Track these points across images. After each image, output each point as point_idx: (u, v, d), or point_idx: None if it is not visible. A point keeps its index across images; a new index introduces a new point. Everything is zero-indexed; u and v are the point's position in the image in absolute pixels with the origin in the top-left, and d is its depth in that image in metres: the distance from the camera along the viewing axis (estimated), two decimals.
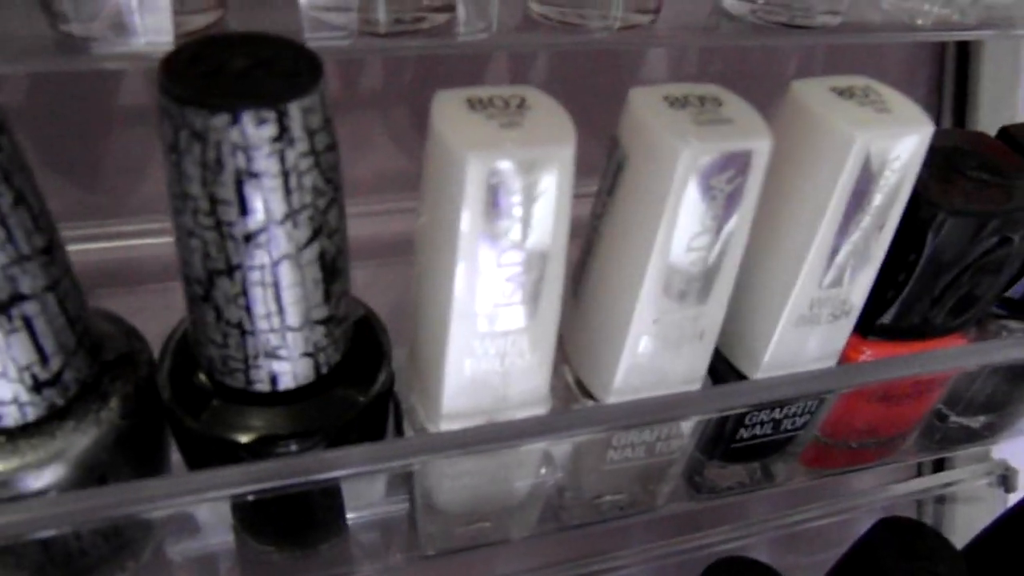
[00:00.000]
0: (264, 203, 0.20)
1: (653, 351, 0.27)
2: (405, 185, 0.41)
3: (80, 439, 0.24)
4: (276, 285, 0.22)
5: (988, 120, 0.45)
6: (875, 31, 0.33)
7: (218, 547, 0.34)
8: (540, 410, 0.28)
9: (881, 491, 0.52)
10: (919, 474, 0.55)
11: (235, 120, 0.19)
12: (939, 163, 0.30)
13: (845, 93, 0.26)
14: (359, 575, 0.35)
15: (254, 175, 0.20)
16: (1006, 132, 0.34)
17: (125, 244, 0.37)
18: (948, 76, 0.45)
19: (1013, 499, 0.52)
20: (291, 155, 0.20)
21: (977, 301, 0.31)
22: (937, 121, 0.46)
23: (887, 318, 0.31)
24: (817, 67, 0.43)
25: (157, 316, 0.29)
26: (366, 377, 0.27)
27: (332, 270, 0.24)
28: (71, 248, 0.25)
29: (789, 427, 0.33)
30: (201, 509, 0.31)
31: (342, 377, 0.27)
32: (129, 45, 0.27)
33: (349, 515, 0.33)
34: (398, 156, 0.41)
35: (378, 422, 0.29)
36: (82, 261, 0.37)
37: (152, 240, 0.37)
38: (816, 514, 0.50)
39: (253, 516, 0.30)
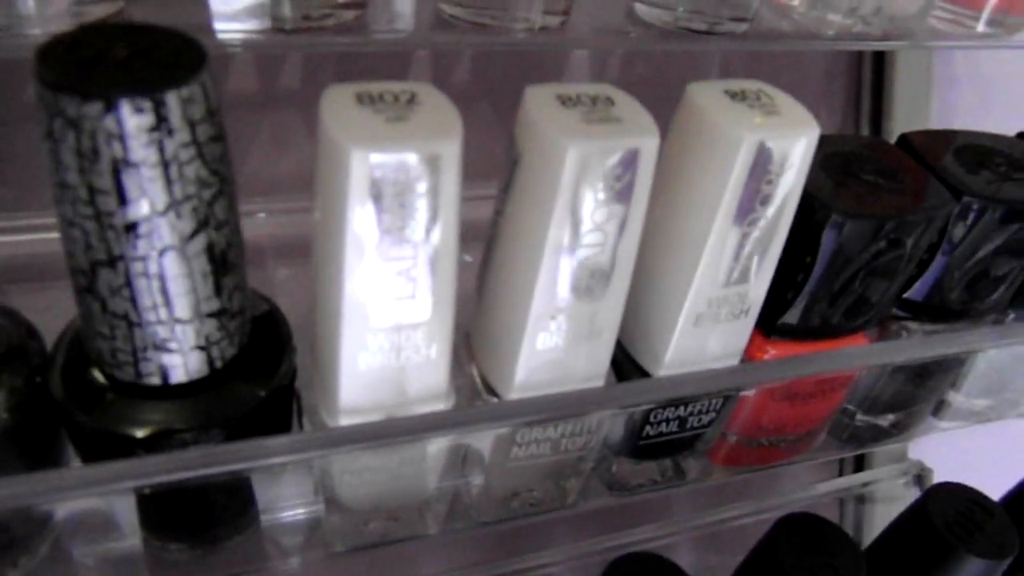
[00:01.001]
0: (143, 193, 0.20)
1: (553, 347, 0.28)
2: None
3: None
4: (161, 277, 0.22)
5: (903, 128, 0.46)
6: (783, 39, 0.34)
7: (126, 548, 0.34)
8: (441, 406, 0.28)
9: (803, 490, 0.53)
10: (840, 474, 0.56)
11: (110, 108, 0.19)
12: (836, 167, 0.31)
13: (737, 96, 0.26)
14: (270, 572, 0.35)
15: (132, 164, 0.20)
16: (905, 139, 0.35)
17: (33, 238, 0.36)
18: (865, 85, 0.46)
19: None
20: (170, 145, 0.20)
21: (873, 303, 0.32)
22: (855, 129, 0.47)
23: (789, 318, 0.32)
24: (738, 75, 0.44)
25: (66, 314, 0.28)
26: (265, 372, 0.27)
27: (223, 263, 0.24)
28: None
29: (695, 424, 0.33)
30: (102, 506, 0.30)
31: (239, 371, 0.26)
32: (26, 35, 0.26)
33: (263, 514, 0.33)
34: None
35: (281, 417, 0.29)
36: None
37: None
38: (739, 513, 0.51)
39: (155, 512, 0.30)
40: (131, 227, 0.21)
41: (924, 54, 0.46)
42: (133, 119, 0.19)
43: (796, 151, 0.26)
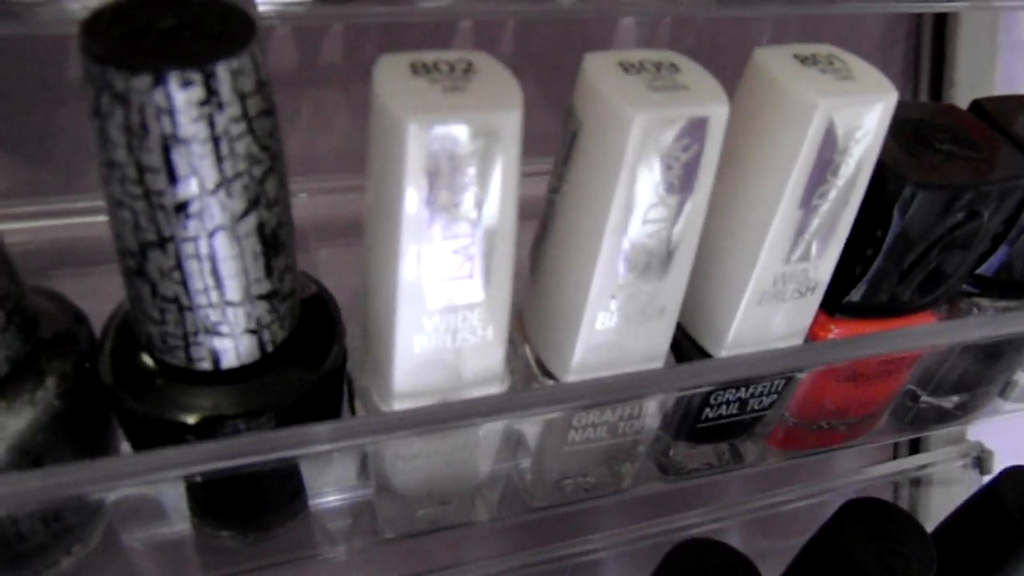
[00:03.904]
0: (194, 171, 0.20)
1: (612, 328, 0.26)
2: None
3: (13, 420, 0.23)
4: (212, 258, 0.21)
5: (965, 95, 0.44)
6: (841, 0, 0.33)
7: (176, 533, 0.34)
8: (496, 389, 0.27)
9: (856, 474, 0.51)
10: (895, 456, 0.54)
11: (158, 81, 0.18)
12: (908, 135, 0.30)
13: (808, 61, 0.25)
14: (319, 559, 0.35)
15: (181, 141, 0.19)
16: (979, 105, 0.33)
17: (78, 223, 0.36)
18: (925, 51, 0.44)
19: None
20: (221, 120, 0.19)
21: (946, 278, 0.31)
22: (914, 97, 0.45)
23: (855, 295, 0.31)
24: (791, 40, 0.42)
25: (112, 299, 0.28)
26: (316, 355, 0.26)
27: (273, 243, 0.23)
28: (19, 226, 0.24)
29: (756, 407, 0.32)
30: (153, 493, 0.30)
31: (290, 355, 0.26)
32: (65, 9, 0.26)
33: (312, 500, 0.32)
34: (361, 133, 0.39)
35: (331, 402, 0.28)
36: (33, 240, 0.36)
37: (106, 219, 0.36)
38: (790, 497, 0.50)
39: (205, 499, 0.30)
40: (181, 206, 0.20)
41: (988, 18, 0.44)
42: (182, 93, 0.18)
43: (872, 118, 0.24)
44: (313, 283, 0.28)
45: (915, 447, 0.54)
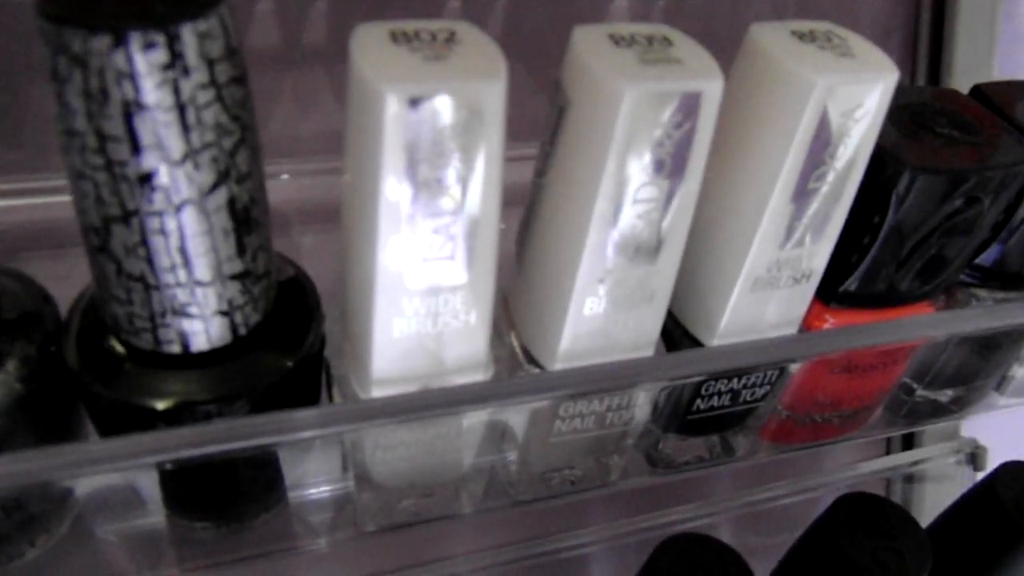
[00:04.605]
0: (158, 140, 0.18)
1: (600, 313, 0.25)
2: None
3: None
4: (180, 234, 0.20)
5: (963, 83, 0.43)
6: None
7: (150, 525, 0.33)
8: (480, 376, 0.26)
9: (848, 469, 0.50)
10: (887, 452, 0.54)
11: (119, 42, 0.17)
12: (907, 119, 0.29)
13: (806, 37, 0.24)
14: (298, 552, 0.34)
15: (144, 107, 0.18)
16: (979, 91, 0.32)
17: (50, 202, 0.34)
18: (923, 35, 0.43)
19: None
20: (187, 86, 0.18)
21: (945, 267, 0.30)
22: (911, 83, 0.44)
23: (851, 285, 0.30)
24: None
25: (85, 282, 0.27)
26: (293, 339, 0.25)
27: (245, 220, 0.22)
28: None
29: (748, 398, 0.31)
30: (123, 483, 0.29)
31: (265, 339, 0.25)
32: None
33: (290, 491, 0.31)
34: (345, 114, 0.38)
35: (309, 388, 0.27)
36: (3, 221, 0.35)
37: None
38: (781, 492, 0.49)
39: (177, 489, 0.29)
40: (145, 178, 0.19)
41: (987, 5, 0.43)
42: (145, 55, 0.17)
43: (872, 97, 0.23)
44: (291, 265, 0.27)
45: (908, 443, 0.54)
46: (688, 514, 0.48)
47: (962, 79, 0.43)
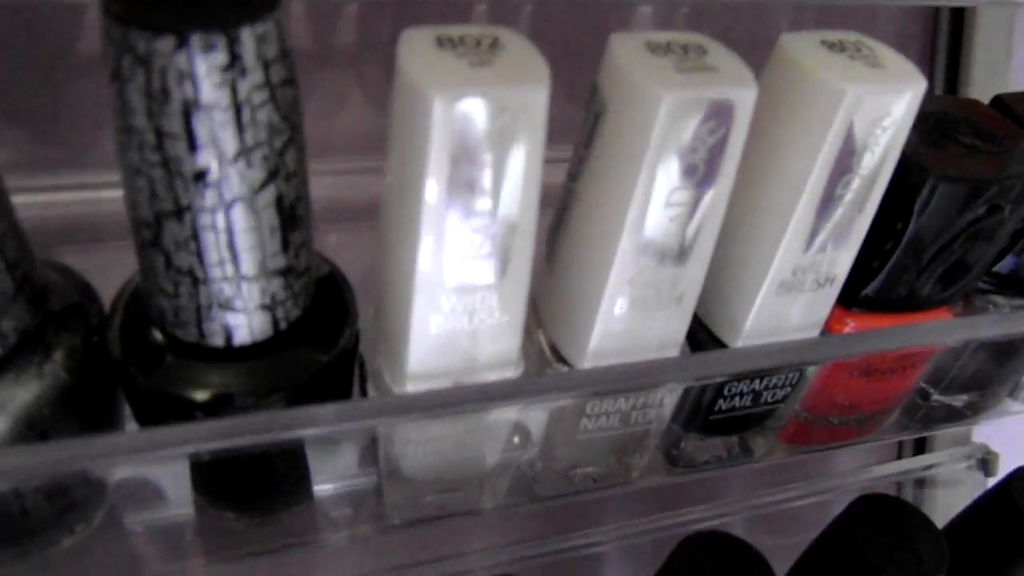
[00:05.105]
0: (214, 138, 0.19)
1: (629, 314, 0.26)
2: (382, 144, 0.40)
3: (20, 392, 0.23)
4: (229, 230, 0.21)
5: (981, 91, 0.44)
6: None
7: (179, 516, 0.33)
8: (510, 373, 0.26)
9: (861, 472, 0.51)
10: (899, 456, 0.54)
11: (182, 44, 0.18)
12: (930, 128, 0.29)
13: (836, 47, 0.25)
14: (323, 545, 0.34)
15: (203, 107, 0.19)
16: (1000, 100, 0.33)
17: (88, 197, 0.35)
18: (941, 45, 0.44)
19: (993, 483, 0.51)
20: (243, 86, 0.19)
21: (965, 273, 0.30)
22: (929, 91, 0.45)
23: (872, 289, 0.30)
24: (808, 30, 0.42)
25: (121, 275, 0.27)
26: (329, 335, 0.26)
27: (291, 217, 0.22)
28: (30, 199, 0.23)
29: (769, 400, 0.32)
30: (157, 475, 0.30)
31: (303, 334, 0.25)
32: None
33: (317, 486, 0.32)
34: (375, 114, 0.39)
35: (343, 383, 0.27)
36: (43, 215, 0.36)
37: (117, 194, 0.36)
38: (795, 494, 0.49)
39: (210, 479, 0.29)
40: (200, 175, 0.20)
41: (1005, 15, 0.43)
42: (206, 56, 0.18)
43: (900, 107, 0.24)
44: (327, 263, 0.28)
45: (920, 447, 0.54)
46: (703, 514, 0.49)
47: (980, 89, 0.44)
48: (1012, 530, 0.34)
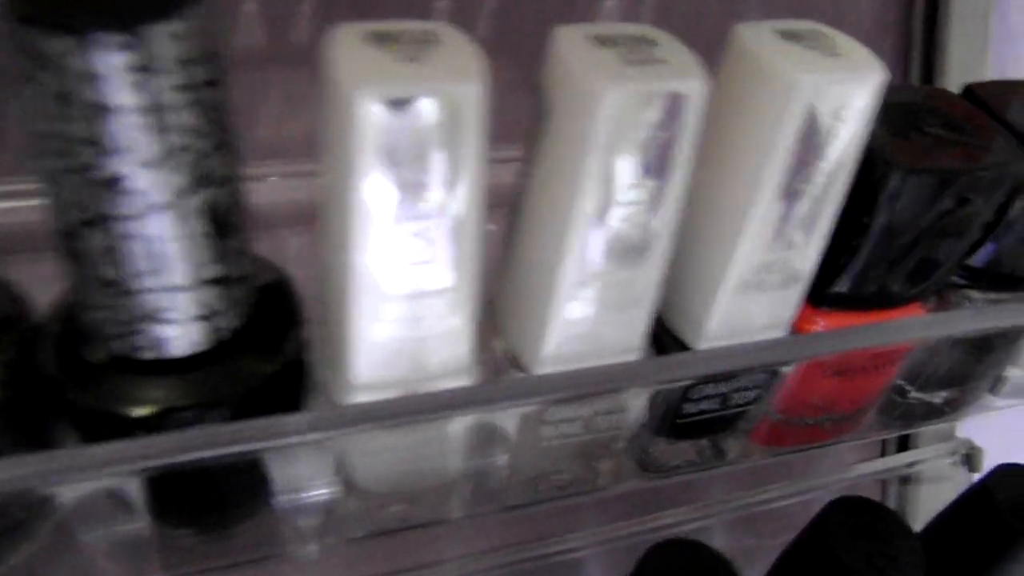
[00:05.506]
0: (128, 143, 0.18)
1: (585, 317, 0.25)
2: None
3: None
4: (154, 239, 0.20)
5: (956, 81, 0.43)
6: None
7: (135, 531, 0.32)
8: (464, 381, 0.26)
9: (843, 471, 0.50)
10: (883, 454, 0.53)
11: (83, 44, 0.17)
12: (897, 119, 0.28)
13: (792, 36, 0.24)
14: (285, 559, 0.33)
15: (111, 110, 0.18)
16: (971, 91, 0.32)
17: (34, 204, 0.34)
18: (916, 35, 0.43)
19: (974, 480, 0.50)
20: (157, 88, 0.18)
21: (936, 268, 0.29)
22: (904, 82, 0.44)
23: (841, 286, 0.29)
24: None
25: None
26: (273, 344, 0.25)
27: (224, 224, 0.21)
28: None
29: (739, 402, 0.31)
30: (105, 489, 0.29)
31: (246, 345, 0.24)
32: None
33: (276, 496, 0.31)
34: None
35: (290, 395, 0.26)
36: None
37: None
38: (775, 495, 0.48)
39: (159, 496, 0.28)
40: (115, 181, 0.19)
41: (981, 4, 0.42)
42: (109, 57, 0.17)
43: (859, 98, 0.23)
44: (273, 269, 0.27)
45: (903, 444, 0.53)
46: (682, 517, 0.48)
47: (955, 78, 0.43)
48: (992, 530, 0.33)
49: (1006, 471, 0.35)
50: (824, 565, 0.32)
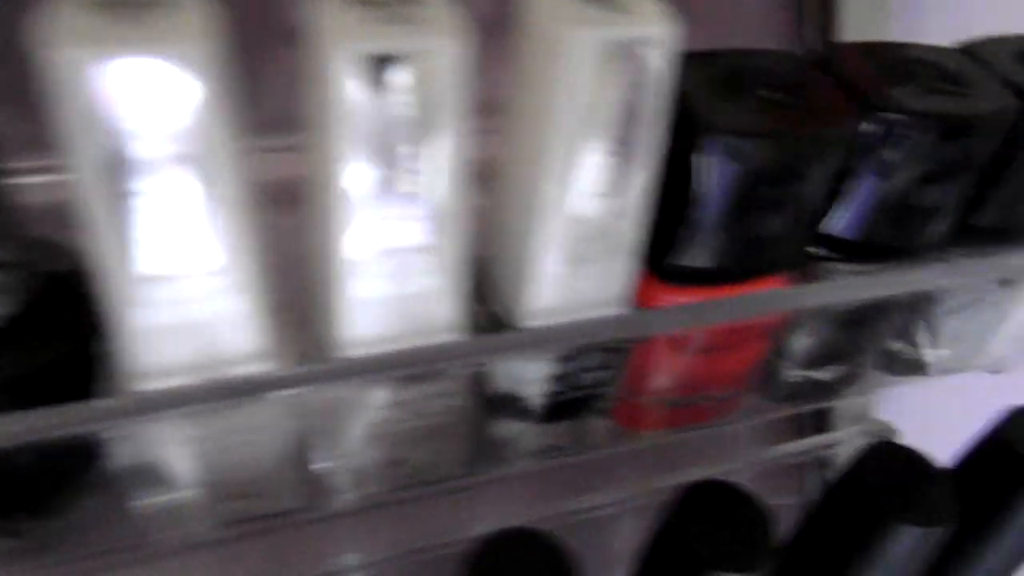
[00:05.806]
0: None
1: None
2: None
3: None
4: None
5: (856, 38, 0.41)
6: None
7: None
8: (265, 366, 0.24)
9: (757, 454, 0.49)
10: (800, 436, 0.52)
11: None
12: (729, 82, 0.27)
13: None
14: (146, 557, 0.32)
15: None
16: (825, 53, 0.30)
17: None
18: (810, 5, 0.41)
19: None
20: None
21: (774, 241, 0.28)
22: (799, 43, 0.42)
23: (683, 259, 0.28)
24: None
25: None
26: (55, 333, 0.24)
27: None
28: None
29: (585, 382, 0.30)
30: None
31: (23, 333, 0.23)
32: None
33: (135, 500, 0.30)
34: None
35: (76, 383, 0.25)
36: None
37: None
38: (692, 478, 0.47)
39: None
40: None
41: None
42: None
43: (650, 52, 0.22)
44: (68, 256, 0.26)
45: (820, 427, 0.52)
46: (593, 503, 0.47)
47: (855, 37, 0.41)
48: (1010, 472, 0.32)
49: (879, 449, 0.33)
50: (680, 555, 0.31)
